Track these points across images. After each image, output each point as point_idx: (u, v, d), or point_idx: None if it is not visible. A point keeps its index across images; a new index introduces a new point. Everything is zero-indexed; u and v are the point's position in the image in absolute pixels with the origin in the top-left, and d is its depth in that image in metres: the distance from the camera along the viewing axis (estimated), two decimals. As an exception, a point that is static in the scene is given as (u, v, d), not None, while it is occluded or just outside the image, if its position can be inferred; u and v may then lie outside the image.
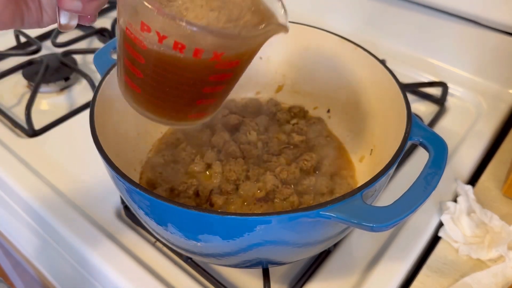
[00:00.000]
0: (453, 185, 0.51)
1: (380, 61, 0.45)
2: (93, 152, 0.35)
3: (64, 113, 0.60)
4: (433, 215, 0.48)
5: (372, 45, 0.59)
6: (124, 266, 0.43)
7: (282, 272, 0.43)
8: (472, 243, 0.45)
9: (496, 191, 0.51)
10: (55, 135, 0.57)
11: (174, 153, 0.48)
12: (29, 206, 0.50)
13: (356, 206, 0.31)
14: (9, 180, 0.51)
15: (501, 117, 0.61)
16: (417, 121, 0.38)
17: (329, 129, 0.53)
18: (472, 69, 0.66)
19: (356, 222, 0.30)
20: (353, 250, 0.45)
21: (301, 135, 0.50)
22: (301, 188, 0.44)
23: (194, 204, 0.42)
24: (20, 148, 0.55)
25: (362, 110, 0.50)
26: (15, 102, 0.63)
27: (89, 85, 0.62)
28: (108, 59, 0.45)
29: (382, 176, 0.33)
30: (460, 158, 0.54)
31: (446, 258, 0.44)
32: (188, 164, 0.47)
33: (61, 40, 0.70)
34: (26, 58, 0.67)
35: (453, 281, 0.42)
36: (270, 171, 0.45)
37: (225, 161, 0.46)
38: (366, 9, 0.73)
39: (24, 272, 0.78)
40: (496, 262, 0.43)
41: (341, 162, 0.49)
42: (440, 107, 0.62)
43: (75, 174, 0.52)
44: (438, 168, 0.34)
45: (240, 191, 0.43)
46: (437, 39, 0.68)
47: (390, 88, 0.43)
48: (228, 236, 0.31)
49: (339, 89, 0.52)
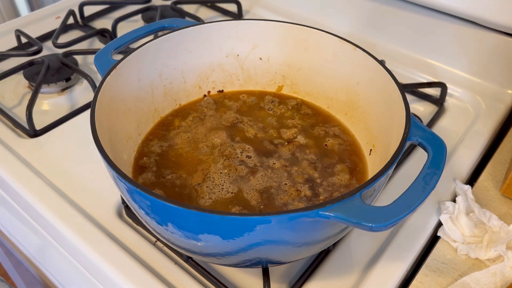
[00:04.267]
0: (452, 185, 0.51)
1: (379, 62, 0.45)
2: (94, 152, 0.36)
3: (65, 114, 0.60)
4: (432, 215, 0.48)
5: (371, 45, 0.60)
6: (124, 266, 0.43)
7: (282, 271, 0.44)
8: (471, 243, 0.45)
9: (494, 191, 0.51)
10: (56, 135, 0.57)
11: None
12: (30, 206, 0.50)
13: (355, 206, 0.31)
14: (10, 180, 0.51)
15: (500, 117, 0.61)
16: (416, 121, 0.38)
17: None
18: (471, 70, 0.66)
19: (355, 221, 0.30)
20: (352, 249, 0.45)
21: (301, 134, 0.50)
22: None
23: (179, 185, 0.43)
24: (21, 149, 0.55)
25: (361, 111, 0.50)
26: (16, 103, 0.63)
27: (90, 85, 0.63)
28: (109, 60, 0.45)
29: (381, 176, 0.33)
30: (459, 158, 0.55)
31: (445, 257, 0.44)
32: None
33: (62, 40, 0.70)
34: (27, 58, 0.67)
35: (452, 280, 0.42)
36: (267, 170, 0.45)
37: (224, 163, 0.46)
38: (365, 10, 0.73)
39: (25, 271, 0.78)
40: (494, 261, 0.44)
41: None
42: (439, 107, 0.62)
43: (76, 174, 0.52)
44: (437, 168, 0.35)
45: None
46: (436, 40, 0.68)
47: (389, 89, 0.43)
48: (228, 235, 0.32)
49: (338, 90, 0.52)
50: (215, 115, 0.53)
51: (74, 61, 0.68)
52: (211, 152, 0.48)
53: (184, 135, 0.50)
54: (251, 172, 0.45)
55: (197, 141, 0.50)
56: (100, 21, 0.80)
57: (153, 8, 0.80)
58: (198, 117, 0.53)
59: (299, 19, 0.50)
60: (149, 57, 0.49)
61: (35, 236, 0.54)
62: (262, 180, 0.44)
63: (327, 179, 0.46)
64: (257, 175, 0.45)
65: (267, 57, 0.55)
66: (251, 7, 0.83)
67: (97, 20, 0.81)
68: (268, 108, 0.55)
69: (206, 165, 0.46)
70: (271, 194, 0.43)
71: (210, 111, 0.54)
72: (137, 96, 0.49)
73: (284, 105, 0.55)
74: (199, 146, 0.49)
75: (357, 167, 0.47)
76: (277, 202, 0.43)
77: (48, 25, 0.77)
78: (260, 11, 0.82)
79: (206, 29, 0.52)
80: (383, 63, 0.46)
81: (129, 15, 0.78)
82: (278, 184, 0.44)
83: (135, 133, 0.48)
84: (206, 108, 0.54)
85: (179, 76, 0.53)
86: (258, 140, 0.50)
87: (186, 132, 0.51)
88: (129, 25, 0.78)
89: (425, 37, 0.69)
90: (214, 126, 0.52)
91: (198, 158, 0.47)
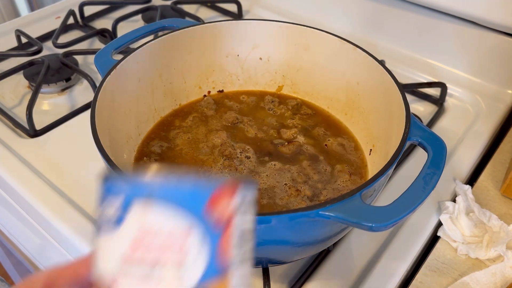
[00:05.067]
0: (452, 185, 0.51)
1: (379, 62, 0.45)
2: (94, 152, 0.36)
3: (65, 114, 0.60)
4: (432, 215, 0.48)
5: (371, 45, 0.60)
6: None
7: (282, 271, 0.44)
8: (470, 243, 0.45)
9: (494, 190, 0.51)
10: (56, 135, 0.57)
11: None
12: (30, 206, 0.50)
13: (355, 206, 0.31)
14: (10, 180, 0.51)
15: (500, 117, 0.61)
16: (416, 121, 0.38)
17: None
18: (470, 70, 0.66)
19: (355, 221, 0.30)
20: (352, 249, 0.45)
21: (301, 134, 0.50)
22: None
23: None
24: (21, 148, 0.55)
25: (361, 110, 0.50)
26: (16, 103, 0.63)
27: (90, 85, 0.63)
28: (109, 60, 0.45)
29: (381, 176, 0.33)
30: (459, 158, 0.55)
31: (445, 257, 0.44)
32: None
33: (62, 40, 0.70)
34: (27, 58, 0.67)
35: (452, 280, 0.42)
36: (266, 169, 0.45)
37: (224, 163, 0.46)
38: (365, 10, 0.73)
39: (25, 271, 0.78)
40: (494, 261, 0.44)
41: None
42: (438, 107, 0.62)
43: (76, 174, 0.52)
44: (437, 168, 0.35)
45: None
46: (436, 40, 0.68)
47: (389, 89, 0.43)
48: (229, 235, 0.32)
49: (338, 90, 0.52)
50: (215, 115, 0.53)
51: (74, 61, 0.68)
52: (211, 152, 0.48)
53: (184, 135, 0.50)
54: (251, 172, 0.45)
55: (197, 141, 0.50)
56: (100, 21, 0.80)
57: (153, 8, 0.80)
58: (198, 117, 0.53)
59: (299, 19, 0.50)
60: (149, 57, 0.49)
61: (35, 236, 0.54)
62: (262, 180, 0.45)
63: (327, 179, 0.46)
64: (257, 175, 0.45)
65: (267, 57, 0.55)
66: (251, 7, 0.83)
67: (97, 20, 0.81)
68: (268, 108, 0.55)
69: (206, 165, 0.46)
70: (271, 194, 0.43)
71: (210, 111, 0.54)
72: (137, 96, 0.49)
73: (284, 105, 0.55)
74: (199, 146, 0.49)
75: (357, 167, 0.47)
76: (277, 202, 0.43)
77: (48, 25, 0.77)
78: (260, 11, 0.82)
79: (206, 29, 0.52)
80: (383, 63, 0.46)
81: (129, 15, 0.77)
82: (278, 184, 0.44)
83: (135, 133, 0.48)
84: (206, 108, 0.54)
85: (179, 76, 0.53)
86: (258, 140, 0.50)
87: (186, 132, 0.51)
88: (129, 25, 0.78)
89: (425, 37, 0.68)
90: (214, 126, 0.52)
91: (198, 158, 0.47)
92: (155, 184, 0.21)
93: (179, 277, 0.20)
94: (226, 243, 0.21)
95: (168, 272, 0.20)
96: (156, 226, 0.20)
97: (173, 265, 0.20)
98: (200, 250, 0.20)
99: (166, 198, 0.20)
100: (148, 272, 0.20)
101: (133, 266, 0.20)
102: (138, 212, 0.21)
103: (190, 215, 0.20)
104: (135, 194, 0.21)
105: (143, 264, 0.20)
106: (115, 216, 0.21)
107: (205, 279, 0.20)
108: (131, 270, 0.20)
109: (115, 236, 0.21)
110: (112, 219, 0.21)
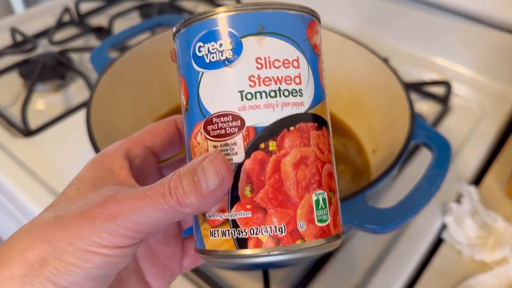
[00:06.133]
0: (456, 185, 0.50)
1: (383, 60, 0.45)
2: (89, 152, 0.35)
3: (60, 113, 0.59)
4: (436, 216, 0.47)
5: (374, 43, 0.59)
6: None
7: (283, 275, 0.43)
8: (475, 245, 0.44)
9: (499, 192, 0.50)
10: (51, 134, 0.57)
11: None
12: (25, 207, 0.49)
13: (358, 207, 0.30)
14: (4, 180, 0.51)
15: (505, 116, 0.60)
16: (420, 120, 0.38)
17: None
18: (475, 68, 0.66)
19: (358, 223, 0.30)
20: (355, 252, 0.44)
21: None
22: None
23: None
24: (15, 148, 0.54)
25: (363, 109, 0.49)
26: (11, 101, 0.62)
27: (85, 84, 0.62)
28: (105, 58, 0.45)
29: (384, 177, 0.32)
30: (464, 158, 0.54)
31: (449, 260, 0.44)
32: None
33: (57, 38, 0.69)
34: (22, 56, 0.67)
35: (457, 283, 0.42)
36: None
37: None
38: (368, 7, 0.72)
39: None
40: (499, 264, 0.43)
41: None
42: (443, 106, 0.61)
43: (71, 174, 0.51)
44: (442, 168, 0.34)
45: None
46: (441, 38, 0.67)
47: (393, 87, 0.42)
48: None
49: (341, 88, 0.51)
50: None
51: (69, 59, 0.67)
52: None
53: (182, 135, 0.49)
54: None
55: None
56: (96, 18, 0.79)
57: (151, 4, 0.80)
58: (196, 116, 0.52)
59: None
60: (146, 55, 0.48)
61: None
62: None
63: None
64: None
65: (267, 55, 0.54)
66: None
67: (93, 17, 0.80)
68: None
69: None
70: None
71: (209, 110, 0.53)
72: (134, 94, 0.48)
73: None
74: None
75: (360, 167, 0.46)
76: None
77: (43, 23, 0.76)
78: (260, 9, 0.81)
79: (204, 26, 0.51)
80: (387, 61, 0.45)
81: (126, 12, 0.77)
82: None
83: (131, 132, 0.47)
84: (204, 107, 0.53)
85: (176, 74, 0.52)
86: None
87: (184, 132, 0.50)
88: (126, 22, 0.77)
89: (429, 35, 0.68)
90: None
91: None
92: (263, 16, 0.21)
93: (298, 102, 0.21)
94: (321, 69, 0.23)
95: (288, 99, 0.21)
96: (271, 57, 0.21)
97: (291, 92, 0.21)
98: (309, 76, 0.22)
99: (275, 29, 0.21)
100: (270, 100, 0.21)
101: (256, 97, 0.21)
102: (252, 46, 0.21)
103: (295, 44, 0.22)
104: (245, 30, 0.21)
105: (264, 94, 0.21)
106: (227, 53, 0.21)
107: (315, 102, 0.22)
108: (254, 101, 0.21)
109: (229, 71, 0.21)
110: (224, 55, 0.21)
